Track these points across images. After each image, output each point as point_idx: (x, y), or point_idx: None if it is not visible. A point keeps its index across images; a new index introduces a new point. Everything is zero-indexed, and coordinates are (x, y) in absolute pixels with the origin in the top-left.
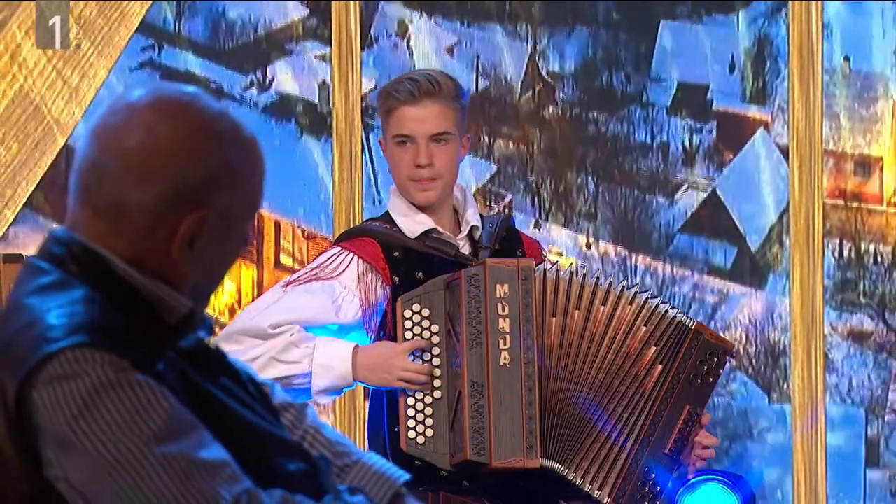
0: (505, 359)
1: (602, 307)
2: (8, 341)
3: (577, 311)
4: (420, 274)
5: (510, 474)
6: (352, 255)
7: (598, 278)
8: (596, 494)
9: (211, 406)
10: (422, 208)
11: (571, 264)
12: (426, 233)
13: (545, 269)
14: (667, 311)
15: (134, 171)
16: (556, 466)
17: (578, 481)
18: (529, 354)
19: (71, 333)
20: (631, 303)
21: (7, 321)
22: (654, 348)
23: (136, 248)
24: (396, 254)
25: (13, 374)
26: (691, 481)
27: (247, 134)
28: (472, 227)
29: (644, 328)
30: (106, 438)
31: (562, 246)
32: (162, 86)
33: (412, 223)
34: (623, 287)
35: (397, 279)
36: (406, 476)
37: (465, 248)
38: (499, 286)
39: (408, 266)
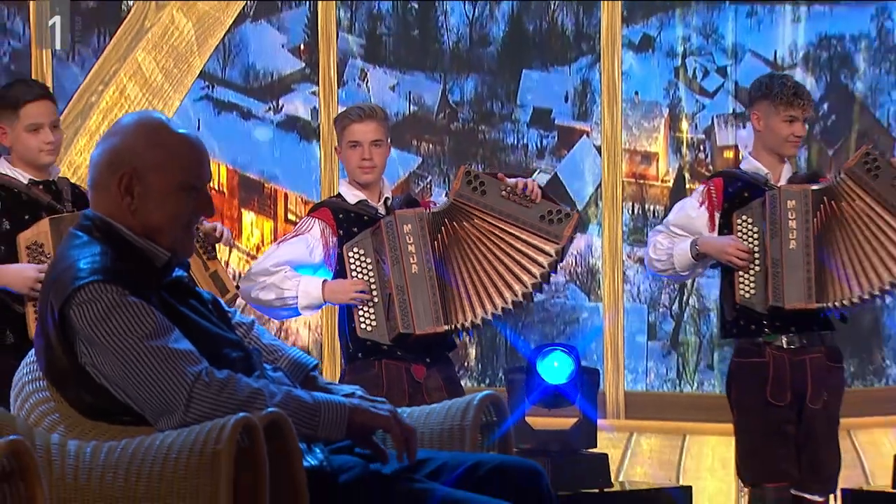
0: (414, 269)
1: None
2: (55, 277)
3: (455, 232)
4: (355, 229)
5: (426, 340)
6: (314, 219)
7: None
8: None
9: (179, 316)
10: (363, 188)
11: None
12: (360, 201)
13: (432, 211)
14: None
15: (104, 156)
16: (451, 327)
17: (463, 325)
18: (430, 264)
19: (92, 274)
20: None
21: (55, 265)
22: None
23: (108, 206)
24: (341, 215)
25: (58, 299)
26: (544, 350)
27: (174, 137)
28: (385, 198)
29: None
30: (116, 337)
31: None
32: (142, 112)
33: (351, 196)
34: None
35: (341, 232)
36: (316, 361)
37: (382, 211)
38: (405, 225)
39: (347, 223)
